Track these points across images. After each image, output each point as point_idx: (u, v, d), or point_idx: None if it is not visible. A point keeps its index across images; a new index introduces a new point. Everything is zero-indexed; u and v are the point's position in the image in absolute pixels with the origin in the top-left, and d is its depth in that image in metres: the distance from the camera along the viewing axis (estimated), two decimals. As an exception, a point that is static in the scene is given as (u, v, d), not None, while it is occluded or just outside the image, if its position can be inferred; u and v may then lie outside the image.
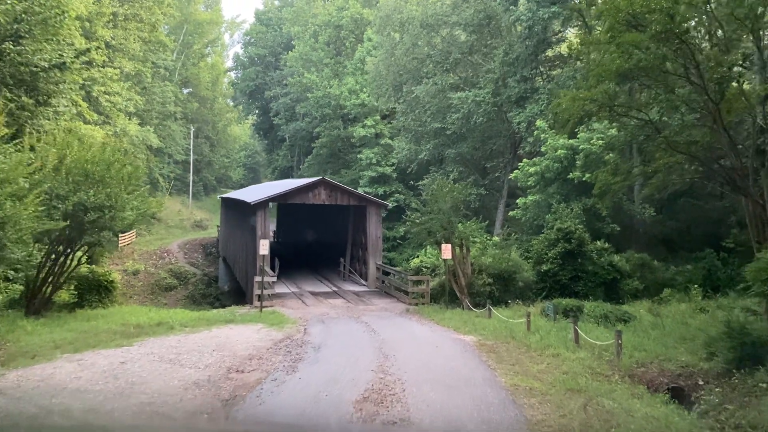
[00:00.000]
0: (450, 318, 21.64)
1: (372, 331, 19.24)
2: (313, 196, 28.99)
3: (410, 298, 25.94)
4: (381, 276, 29.55)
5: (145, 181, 55.23)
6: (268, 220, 28.50)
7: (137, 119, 49.69)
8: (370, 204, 30.07)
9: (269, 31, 67.83)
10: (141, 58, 48.46)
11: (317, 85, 52.42)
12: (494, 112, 36.37)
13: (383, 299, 27.26)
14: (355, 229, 32.93)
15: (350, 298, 27.33)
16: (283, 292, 28.41)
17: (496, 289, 25.02)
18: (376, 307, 25.29)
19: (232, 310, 25.15)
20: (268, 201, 28.44)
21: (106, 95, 40.66)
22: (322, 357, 14.70)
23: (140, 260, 50.55)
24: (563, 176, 29.89)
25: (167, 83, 54.74)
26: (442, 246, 24.10)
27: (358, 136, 49.39)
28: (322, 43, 54.43)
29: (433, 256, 29.87)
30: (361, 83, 49.62)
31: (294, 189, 29.13)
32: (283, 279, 32.21)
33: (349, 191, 29.96)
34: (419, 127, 40.08)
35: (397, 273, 28.09)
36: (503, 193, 38.57)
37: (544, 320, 20.19)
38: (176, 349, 15.19)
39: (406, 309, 24.59)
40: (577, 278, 25.57)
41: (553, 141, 29.77)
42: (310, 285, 30.82)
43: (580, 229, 26.13)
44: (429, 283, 26.17)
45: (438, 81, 38.14)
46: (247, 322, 20.77)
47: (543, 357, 14.65)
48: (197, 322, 20.01)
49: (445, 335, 18.44)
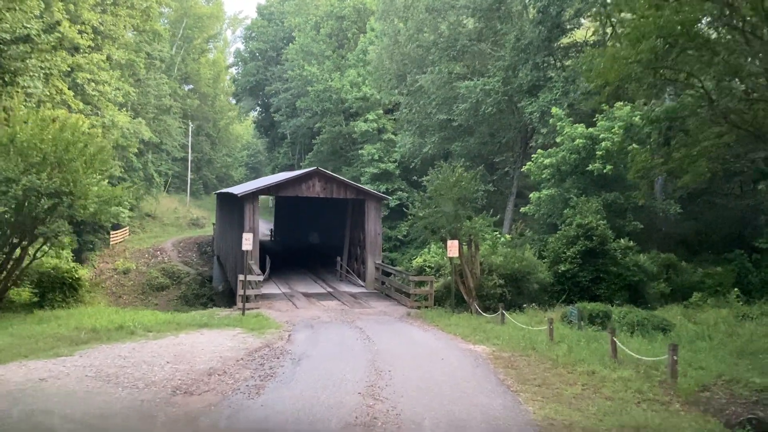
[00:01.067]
0: (457, 324, 18.55)
1: (366, 338, 16.17)
2: (306, 188, 25.94)
3: (412, 301, 22.88)
4: (380, 276, 26.49)
5: (140, 177, 52.50)
6: (257, 214, 25.49)
7: (131, 112, 46.75)
8: (369, 198, 27.02)
9: (271, 26, 64.87)
10: (134, 47, 45.51)
11: (317, 78, 49.42)
12: (504, 102, 33.27)
13: (382, 302, 24.21)
14: (352, 225, 29.89)
15: (346, 300, 24.28)
16: (273, 293, 25.38)
17: (507, 292, 21.91)
18: (373, 311, 22.23)
19: (212, 312, 22.11)
20: (257, 193, 25.43)
21: (93, 83, 37.68)
22: (300, 373, 11.63)
23: (131, 258, 47.64)
24: (581, 169, 26.78)
25: (163, 76, 51.82)
26: (448, 243, 21.03)
27: (360, 131, 46.38)
28: (324, 36, 51.46)
29: (438, 255, 26.78)
30: (363, 75, 46.61)
31: (286, 180, 26.12)
32: (274, 279, 29.18)
33: (345, 183, 26.91)
34: (424, 119, 36.98)
35: (397, 273, 25.02)
36: (513, 190, 35.46)
37: (566, 327, 17.09)
38: (123, 361, 12.15)
39: (407, 313, 21.52)
40: (598, 280, 22.44)
41: (571, 130, 26.66)
42: (304, 285, 27.76)
43: (602, 225, 23.01)
44: (433, 285, 23.09)
45: (444, 69, 35.05)
46: (224, 326, 17.71)
47: (575, 375, 11.54)
48: (165, 327, 16.96)
49: (451, 344, 15.35)
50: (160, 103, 52.30)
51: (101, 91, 38.62)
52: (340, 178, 27.18)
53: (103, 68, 38.70)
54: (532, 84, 32.17)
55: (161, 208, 59.24)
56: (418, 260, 26.28)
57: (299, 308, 22.34)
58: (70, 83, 36.16)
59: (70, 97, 34.80)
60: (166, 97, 52.82)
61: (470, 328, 17.48)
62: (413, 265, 26.26)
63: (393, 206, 43.19)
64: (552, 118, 27.83)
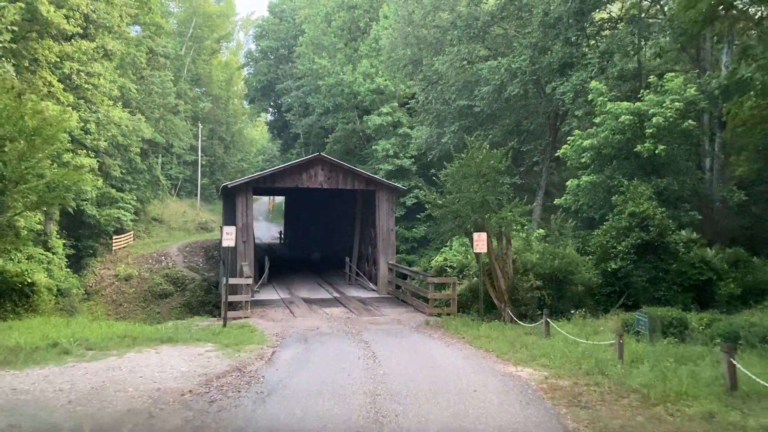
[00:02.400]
0: (488, 336, 14.27)
1: (371, 357, 11.98)
2: (308, 178, 21.82)
3: (431, 307, 18.65)
4: (394, 279, 22.29)
5: (146, 179, 48.88)
6: (250, 208, 21.46)
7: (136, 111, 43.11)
8: (380, 188, 22.84)
9: (282, 24, 61.10)
10: (135, 41, 41.89)
11: (329, 71, 45.39)
12: (531, 83, 28.92)
13: (396, 308, 20.01)
14: (362, 220, 25.73)
15: (353, 306, 20.11)
16: (269, 299, 21.31)
17: (547, 295, 17.59)
18: (384, 319, 18.02)
19: (190, 322, 18.06)
20: (249, 183, 21.40)
21: (85, 75, 34.04)
22: (259, 419, 7.48)
23: (134, 264, 43.86)
24: (626, 151, 22.35)
25: (168, 73, 48.23)
26: (474, 236, 16.79)
27: (374, 125, 42.22)
28: (335, 28, 47.49)
29: (460, 253, 22.52)
30: (377, 66, 42.48)
31: (283, 169, 22.02)
32: (275, 283, 25.13)
33: (353, 171, 22.70)
34: (442, 105, 32.73)
35: (414, 275, 20.75)
36: (541, 183, 31.05)
37: (631, 339, 12.72)
38: (9, 398, 8.11)
39: (426, 322, 17.27)
40: (656, 280, 17.98)
41: (613, 106, 22.23)
42: (307, 290, 23.62)
43: (661, 213, 18.62)
44: (456, 287, 18.81)
45: (463, 50, 30.79)
46: (194, 341, 13.61)
47: (686, 421, 7.24)
48: (116, 343, 12.90)
49: (485, 366, 11.10)
50: (165, 102, 48.60)
51: (94, 84, 34.91)
52: (346, 165, 23.05)
53: (95, 59, 35.02)
54: (564, 62, 27.78)
55: (169, 211, 55.59)
56: (438, 259, 21.99)
57: (297, 317, 18.21)
58: (60, 75, 32.57)
59: (59, 90, 31.12)
60: (171, 95, 49.12)
61: (507, 342, 13.21)
62: (432, 266, 21.99)
63: (410, 205, 38.97)
64: (591, 93, 23.38)
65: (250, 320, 17.30)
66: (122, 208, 43.63)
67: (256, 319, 17.52)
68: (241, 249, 21.55)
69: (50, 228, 35.01)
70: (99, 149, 36.76)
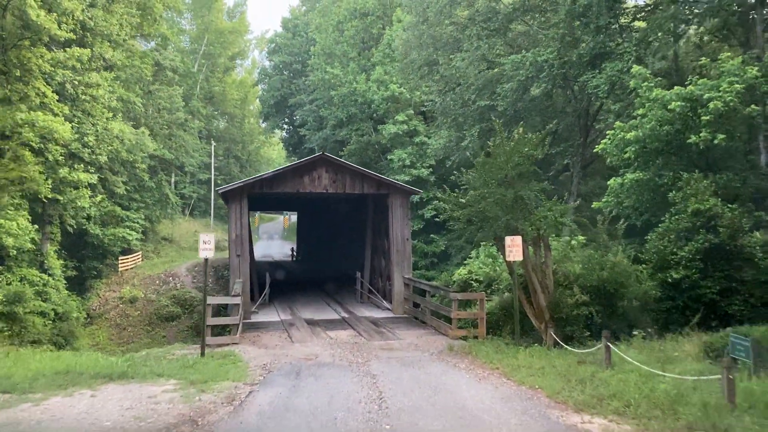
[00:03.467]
0: (529, 366, 10.87)
1: (378, 399, 8.68)
2: (310, 182, 18.62)
3: (455, 329, 15.28)
4: (411, 295, 18.92)
5: (155, 197, 46.20)
6: (245, 217, 18.30)
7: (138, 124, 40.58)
8: (393, 191, 19.55)
9: (295, 38, 58.61)
10: (138, 53, 39.38)
11: (341, 80, 42.54)
12: (560, 77, 25.59)
13: (413, 330, 16.65)
14: (374, 230, 22.45)
15: (364, 328, 16.78)
16: (267, 321, 18.06)
17: (596, 312, 14.14)
18: (399, 344, 14.66)
19: (168, 350, 14.88)
20: (244, 188, 18.26)
21: (83, 86, 31.50)
22: None
23: (140, 286, 40.93)
24: (675, 145, 18.87)
25: (176, 87, 45.69)
26: (507, 241, 13.44)
27: (388, 134, 39.15)
28: (347, 37, 44.72)
29: (487, 264, 19.09)
30: (391, 73, 39.52)
31: (282, 171, 18.82)
32: (277, 302, 21.92)
33: (361, 173, 19.43)
34: (461, 107, 29.49)
35: (434, 290, 17.32)
36: (572, 189, 27.53)
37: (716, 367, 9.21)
38: None
39: (449, 347, 13.89)
40: (729, 291, 14.41)
41: (660, 92, 18.79)
42: (312, 310, 20.30)
43: (731, 211, 15.13)
44: (484, 304, 15.40)
45: (483, 46, 27.60)
46: (154, 377, 10.39)
47: None
48: (49, 381, 9.74)
49: (534, 413, 7.72)
50: (174, 118, 46.00)
51: (93, 95, 32.33)
52: (353, 166, 19.81)
53: (93, 69, 32.49)
54: (595, 53, 24.46)
55: (180, 231, 52.80)
56: (462, 272, 18.56)
57: (294, 342, 14.93)
58: (56, 86, 30.02)
59: (53, 100, 28.45)
60: (180, 111, 46.51)
61: (557, 376, 9.81)
62: (455, 280, 18.57)
63: (428, 217, 35.72)
64: (633, 80, 19.94)
65: (238, 347, 14.08)
66: (129, 228, 40.84)
67: (245, 346, 14.29)
68: (234, 264, 18.41)
69: (47, 248, 32.18)
70: (99, 164, 34.11)
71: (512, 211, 13.49)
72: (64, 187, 31.66)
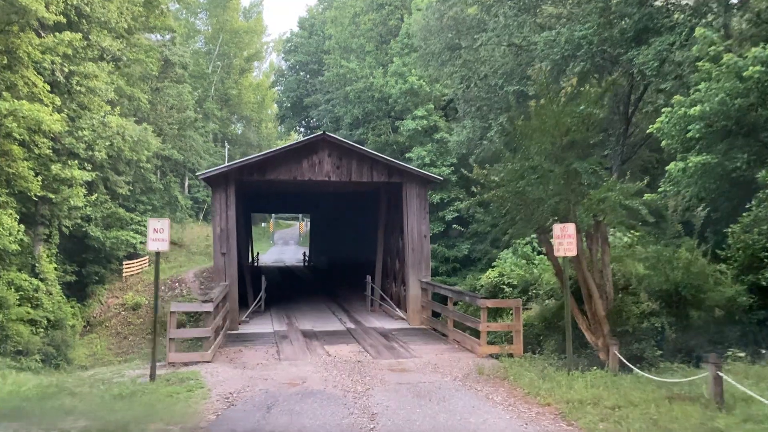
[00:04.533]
0: (596, 402, 7.41)
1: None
2: (310, 168, 15.35)
3: (484, 344, 11.85)
4: (429, 303, 15.51)
5: (163, 200, 43.45)
6: (231, 209, 15.08)
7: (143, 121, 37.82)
8: (409, 180, 16.17)
9: (312, 37, 55.74)
10: (144, 46, 36.66)
11: (357, 75, 39.41)
12: (599, 55, 22.02)
13: (431, 344, 13.24)
14: (387, 227, 19.06)
15: (371, 342, 13.42)
16: (256, 333, 14.80)
17: (667, 324, 10.62)
18: (413, 363, 11.25)
19: (118, 369, 11.67)
20: (229, 174, 15.05)
21: (77, 77, 28.74)
22: None
23: (144, 292, 38.06)
24: (747, 124, 15.23)
25: (186, 84, 42.98)
26: (556, 230, 10.02)
27: (407, 131, 35.82)
28: (364, 30, 41.63)
29: (520, 266, 15.57)
30: (410, 64, 36.28)
31: (273, 154, 15.49)
32: (274, 310, 18.64)
33: (371, 157, 16.05)
34: (486, 94, 26.11)
35: (457, 296, 13.84)
36: (613, 182, 23.77)
37: None
38: None
39: (478, 369, 10.46)
40: None
41: (731, 58, 15.20)
42: (313, 320, 16.93)
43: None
44: (521, 314, 11.95)
45: (511, 24, 24.17)
46: (62, 414, 7.19)
47: None
48: None
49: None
50: (183, 117, 43.19)
51: (89, 87, 29.53)
52: (360, 148, 16.43)
53: (89, 57, 29.72)
54: (641, 27, 20.87)
55: (191, 235, 49.98)
56: (491, 275, 15.08)
57: (282, 360, 11.63)
58: (49, 77, 27.31)
59: (42, 89, 25.67)
60: (189, 110, 43.72)
61: (647, 422, 6.35)
62: (483, 284, 15.11)
63: (449, 219, 32.27)
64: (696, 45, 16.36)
65: (208, 367, 10.84)
66: (135, 231, 38.01)
67: (217, 365, 11.04)
68: (219, 264, 15.20)
69: (39, 250, 29.27)
70: (97, 161, 31.29)
71: (563, 191, 10.06)
72: (57, 184, 28.77)
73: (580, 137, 10.19)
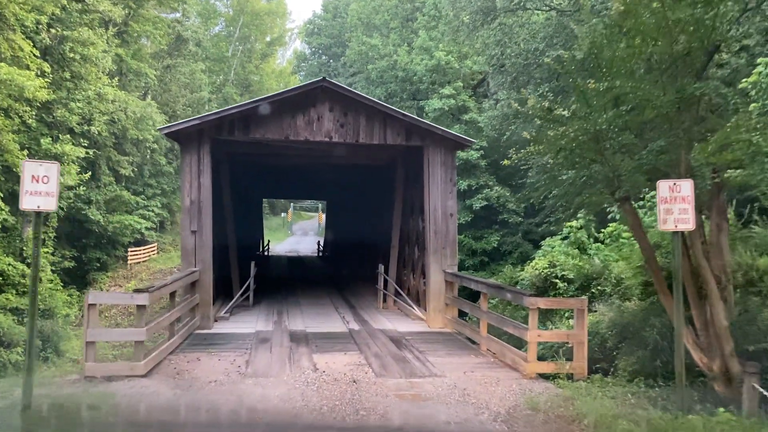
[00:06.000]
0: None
1: None
2: (306, 124, 11.75)
3: (532, 359, 8.15)
4: (454, 300, 11.82)
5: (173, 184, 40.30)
6: (207, 174, 11.58)
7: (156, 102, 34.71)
8: (431, 142, 12.42)
9: (336, 20, 52.33)
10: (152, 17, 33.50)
11: (380, 52, 35.80)
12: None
13: (457, 355, 9.56)
14: (404, 205, 15.34)
15: (376, 350, 9.81)
16: (233, 333, 11.32)
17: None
18: (433, 387, 7.58)
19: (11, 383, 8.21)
20: (202, 130, 11.51)
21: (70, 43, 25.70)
22: None
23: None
24: None
25: (200, 63, 39.86)
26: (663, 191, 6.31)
27: (432, 111, 31.90)
28: (389, 6, 38.02)
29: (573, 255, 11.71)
30: (437, 39, 32.56)
31: (259, 103, 11.80)
32: (265, 305, 15.10)
33: (384, 112, 12.23)
34: (525, 60, 22.25)
35: (493, 291, 10.03)
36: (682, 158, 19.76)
37: None
38: None
39: (529, 402, 6.74)
40: None
41: None
42: (309, 318, 13.32)
43: None
44: (586, 319, 8.21)
45: (556, -21, 20.35)
46: None
47: None
48: None
49: None
50: (197, 97, 39.98)
51: (81, 53, 26.38)
52: (371, 99, 12.65)
53: (86, 23, 26.66)
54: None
55: (204, 222, 47.00)
56: (539, 264, 11.27)
57: (248, 376, 8.09)
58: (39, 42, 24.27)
59: (28, 54, 22.54)
60: (203, 89, 40.51)
61: None
62: (526, 276, 11.32)
63: (477, 208, 28.37)
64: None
65: (137, 385, 7.34)
66: (142, 216, 34.87)
67: (149, 384, 7.54)
68: (188, 245, 11.71)
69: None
70: (94, 137, 28.19)
71: (676, 120, 6.31)
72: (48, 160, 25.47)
73: (698, 46, 6.42)
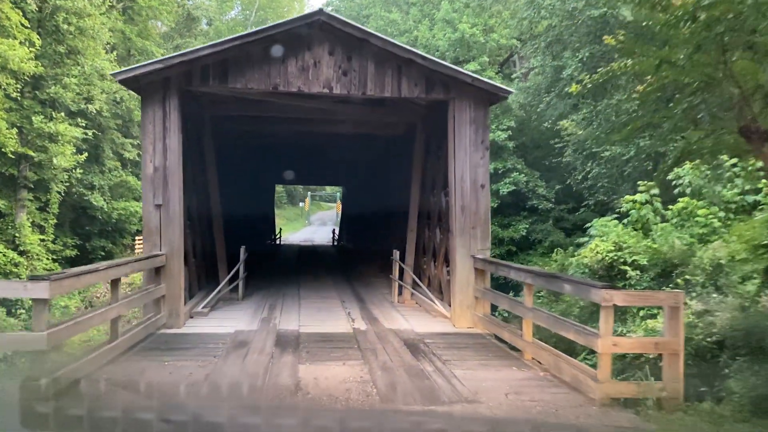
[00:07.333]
0: None
1: None
2: (299, 71, 9.20)
3: (606, 377, 5.49)
4: (486, 292, 9.20)
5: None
6: (175, 133, 9.12)
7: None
8: (459, 94, 9.73)
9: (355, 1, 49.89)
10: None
11: (399, 28, 33.23)
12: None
13: (494, 367, 6.95)
14: (427, 178, 12.58)
15: (385, 359, 7.24)
16: (207, 334, 8.90)
17: None
18: (462, 419, 4.96)
19: None
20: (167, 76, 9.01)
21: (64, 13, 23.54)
22: None
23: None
24: None
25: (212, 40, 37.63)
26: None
27: (456, 88, 28.82)
28: (410, -19, 35.43)
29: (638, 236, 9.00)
30: (461, 10, 29.79)
31: (240, 42, 9.14)
32: (259, 297, 12.63)
33: (399, 55, 9.53)
34: (563, 22, 19.37)
35: (544, 280, 7.33)
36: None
37: None
38: None
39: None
40: None
41: None
42: (308, 315, 10.78)
43: None
44: (682, 319, 5.55)
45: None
46: None
47: None
48: None
49: None
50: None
51: (77, 25, 24.22)
52: (382, 38, 9.93)
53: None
54: None
55: (216, 211, 44.98)
56: (600, 247, 8.47)
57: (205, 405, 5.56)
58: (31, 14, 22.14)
59: (17, 23, 20.38)
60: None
61: None
62: (583, 262, 8.61)
63: (504, 194, 25.56)
64: None
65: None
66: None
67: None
68: (151, 221, 9.28)
69: (21, 218, 24.27)
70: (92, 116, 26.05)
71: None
72: (42, 140, 23.68)
73: None
